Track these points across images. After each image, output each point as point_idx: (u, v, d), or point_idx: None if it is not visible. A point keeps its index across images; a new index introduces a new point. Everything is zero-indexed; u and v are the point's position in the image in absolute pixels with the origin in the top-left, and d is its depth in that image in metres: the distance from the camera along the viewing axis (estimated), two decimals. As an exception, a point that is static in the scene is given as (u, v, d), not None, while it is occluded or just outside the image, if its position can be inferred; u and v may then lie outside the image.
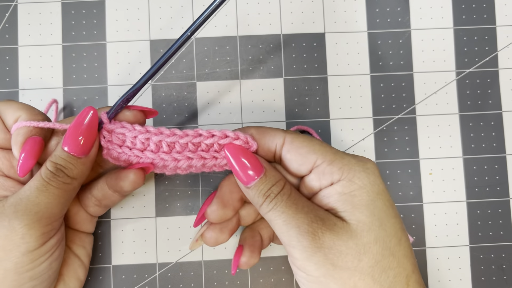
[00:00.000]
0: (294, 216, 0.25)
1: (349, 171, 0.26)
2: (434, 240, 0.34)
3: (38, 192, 0.25)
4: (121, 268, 0.33)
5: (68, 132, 0.26)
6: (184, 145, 0.27)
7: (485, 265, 0.34)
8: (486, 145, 0.35)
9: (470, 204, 0.34)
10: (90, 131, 0.26)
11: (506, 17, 0.35)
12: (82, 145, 0.26)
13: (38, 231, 0.25)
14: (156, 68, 0.27)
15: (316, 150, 0.26)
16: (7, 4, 0.35)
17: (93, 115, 0.26)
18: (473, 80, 0.35)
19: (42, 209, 0.25)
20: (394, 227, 0.26)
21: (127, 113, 0.28)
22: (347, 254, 0.24)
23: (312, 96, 0.35)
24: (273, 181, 0.26)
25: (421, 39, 0.35)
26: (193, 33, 0.26)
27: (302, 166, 0.27)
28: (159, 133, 0.27)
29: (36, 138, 0.26)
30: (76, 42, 0.35)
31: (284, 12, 0.35)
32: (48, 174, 0.26)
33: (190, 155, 0.27)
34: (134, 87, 0.27)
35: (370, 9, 0.35)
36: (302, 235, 0.25)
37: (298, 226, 0.25)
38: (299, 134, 0.27)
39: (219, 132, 0.27)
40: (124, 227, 0.34)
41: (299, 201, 0.26)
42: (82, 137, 0.26)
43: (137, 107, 0.28)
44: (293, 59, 0.35)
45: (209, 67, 0.35)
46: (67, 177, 0.26)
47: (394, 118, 0.35)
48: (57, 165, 0.26)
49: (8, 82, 0.34)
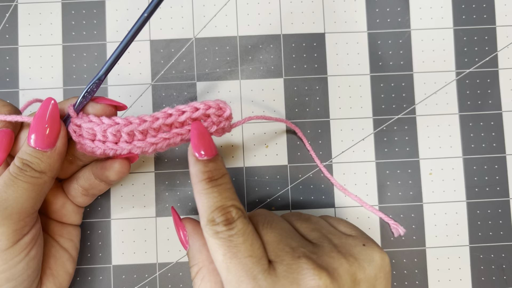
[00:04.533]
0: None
1: None
2: (434, 240, 0.34)
3: (6, 187, 0.25)
4: (121, 268, 0.33)
5: (32, 126, 0.25)
6: (157, 128, 0.27)
7: (485, 265, 0.34)
8: (486, 145, 0.35)
9: (470, 204, 0.34)
10: (52, 123, 0.26)
11: (506, 17, 0.35)
12: (46, 138, 0.25)
13: (9, 228, 0.24)
14: (116, 55, 0.26)
15: (216, 262, 0.24)
16: (7, 4, 0.35)
17: (53, 106, 0.26)
18: (473, 80, 0.35)
19: (11, 204, 0.24)
20: None
21: (96, 106, 0.27)
22: None
23: (312, 96, 0.35)
24: (193, 262, 0.26)
25: (421, 39, 0.35)
26: (150, 15, 0.25)
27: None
28: (128, 123, 0.26)
29: (5, 130, 0.26)
30: (76, 42, 0.35)
31: (284, 12, 0.35)
32: (15, 169, 0.25)
33: (166, 136, 0.27)
34: (96, 76, 0.26)
35: (370, 9, 0.35)
36: None
37: None
38: (212, 237, 0.24)
39: (188, 107, 0.27)
40: (124, 227, 0.34)
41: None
42: (45, 129, 0.25)
43: (105, 100, 0.27)
44: (293, 59, 0.35)
45: (209, 67, 0.35)
46: (35, 171, 0.25)
47: (394, 118, 0.35)
48: (23, 160, 0.25)
49: (8, 82, 0.34)
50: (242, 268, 0.23)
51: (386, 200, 0.34)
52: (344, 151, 0.35)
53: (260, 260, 0.23)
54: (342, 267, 0.23)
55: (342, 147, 0.35)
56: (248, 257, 0.23)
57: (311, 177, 0.34)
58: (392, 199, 0.34)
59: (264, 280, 0.22)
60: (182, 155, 0.34)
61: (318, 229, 0.26)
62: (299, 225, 0.27)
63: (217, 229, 0.24)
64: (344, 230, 0.27)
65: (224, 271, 0.23)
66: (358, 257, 0.24)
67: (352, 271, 0.23)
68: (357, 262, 0.24)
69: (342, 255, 0.24)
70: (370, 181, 0.34)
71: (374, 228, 0.34)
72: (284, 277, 0.23)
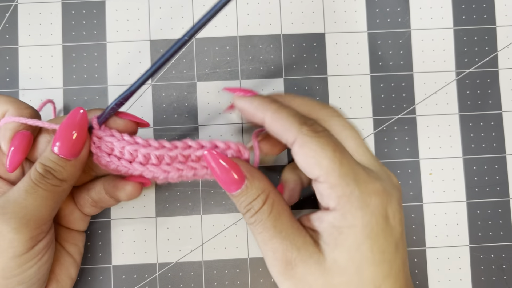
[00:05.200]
0: (271, 240, 0.24)
1: (346, 204, 0.23)
2: (434, 240, 0.34)
3: (26, 194, 0.25)
4: (121, 268, 0.33)
5: (58, 133, 0.25)
6: (173, 157, 0.27)
7: (485, 265, 0.34)
8: (486, 145, 0.35)
9: (470, 204, 0.34)
10: (80, 132, 0.26)
11: (506, 17, 0.35)
12: (72, 147, 0.25)
13: (26, 235, 0.24)
14: (153, 70, 0.26)
15: (322, 165, 0.24)
16: (7, 4, 0.35)
17: (83, 116, 0.26)
18: (473, 80, 0.35)
19: (30, 212, 0.24)
20: (374, 275, 0.24)
21: (118, 121, 0.27)
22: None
23: (312, 96, 0.35)
24: (255, 195, 0.25)
25: (421, 39, 0.35)
26: (191, 38, 0.25)
27: (308, 174, 0.25)
28: (147, 145, 0.27)
29: (25, 133, 0.26)
30: (76, 42, 0.35)
31: (284, 12, 0.35)
32: (37, 176, 0.25)
33: (180, 167, 0.27)
34: (128, 90, 0.26)
35: (370, 9, 0.35)
36: (276, 261, 0.24)
37: (273, 251, 0.24)
38: (314, 136, 0.24)
39: (209, 143, 0.27)
40: (124, 227, 0.34)
41: (278, 221, 0.25)
42: (72, 138, 0.25)
43: (129, 116, 0.28)
44: (293, 59, 0.35)
45: (209, 67, 0.35)
46: (57, 180, 0.25)
47: (394, 118, 0.35)
48: (46, 167, 0.25)
49: (8, 82, 0.34)
50: (353, 161, 0.25)
51: (386, 200, 0.34)
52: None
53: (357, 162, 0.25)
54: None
55: (342, 147, 0.35)
56: (348, 152, 0.25)
57: (311, 177, 0.34)
58: (392, 199, 0.34)
59: (371, 172, 0.25)
60: (182, 155, 0.34)
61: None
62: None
63: (317, 128, 0.25)
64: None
65: (337, 165, 0.24)
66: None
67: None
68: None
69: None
70: (370, 181, 0.34)
71: (374, 228, 0.34)
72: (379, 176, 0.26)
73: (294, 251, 0.24)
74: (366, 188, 0.24)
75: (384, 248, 0.24)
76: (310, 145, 0.24)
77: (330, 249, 0.24)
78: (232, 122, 0.34)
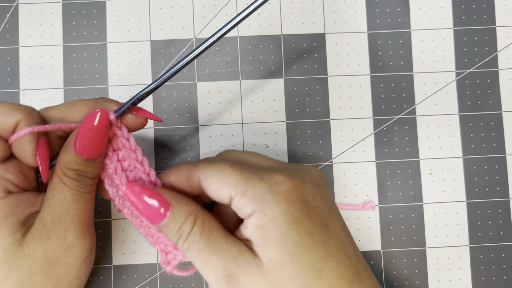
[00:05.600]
0: (207, 259, 0.24)
1: (260, 201, 0.24)
2: (434, 240, 0.34)
3: (76, 203, 0.25)
4: (122, 268, 0.33)
5: (81, 136, 0.25)
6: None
7: (485, 265, 0.34)
8: (486, 145, 0.35)
9: (470, 204, 0.34)
10: (103, 133, 0.25)
11: (506, 17, 0.36)
12: (97, 149, 0.25)
13: (90, 237, 0.26)
14: (174, 71, 0.26)
15: (228, 182, 0.24)
16: (8, 4, 0.35)
17: (104, 117, 0.25)
18: (473, 80, 0.35)
19: (84, 216, 0.26)
20: (311, 260, 0.23)
21: (130, 116, 0.27)
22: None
23: (312, 97, 0.35)
24: (183, 219, 0.24)
25: (421, 39, 0.35)
26: (226, 32, 0.26)
27: (223, 200, 0.25)
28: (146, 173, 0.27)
29: (43, 139, 0.25)
30: (77, 43, 0.35)
31: (284, 12, 0.35)
32: (74, 183, 0.25)
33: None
34: (150, 86, 0.26)
35: (370, 9, 0.35)
36: (219, 278, 0.24)
37: (213, 269, 0.24)
38: (212, 165, 0.25)
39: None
40: (124, 227, 0.34)
41: (211, 238, 0.24)
42: (96, 141, 0.25)
43: (145, 113, 0.27)
44: (293, 59, 0.35)
45: (209, 68, 0.35)
46: (90, 179, 0.26)
47: (394, 118, 0.35)
48: (78, 172, 0.25)
49: (9, 83, 0.34)
50: (253, 167, 0.26)
51: (386, 200, 0.34)
52: (344, 151, 0.35)
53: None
54: (303, 176, 0.26)
55: (343, 147, 0.35)
56: (247, 164, 0.27)
57: (312, 177, 0.34)
58: (392, 199, 0.34)
59: (274, 168, 0.26)
60: (182, 155, 0.34)
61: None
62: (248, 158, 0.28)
63: (210, 159, 0.27)
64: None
65: (240, 175, 0.24)
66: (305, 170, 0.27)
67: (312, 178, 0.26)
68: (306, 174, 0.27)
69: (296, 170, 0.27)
70: (370, 181, 0.34)
71: (374, 228, 0.34)
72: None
73: (232, 263, 0.23)
74: (273, 180, 0.24)
75: (312, 229, 0.24)
76: (211, 173, 0.25)
77: (262, 249, 0.23)
78: (233, 122, 0.34)
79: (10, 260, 0.24)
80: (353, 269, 0.25)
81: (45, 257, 0.25)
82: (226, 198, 0.24)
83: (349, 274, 0.24)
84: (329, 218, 0.25)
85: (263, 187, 0.24)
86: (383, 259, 0.34)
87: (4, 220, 0.24)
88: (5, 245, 0.24)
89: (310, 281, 0.23)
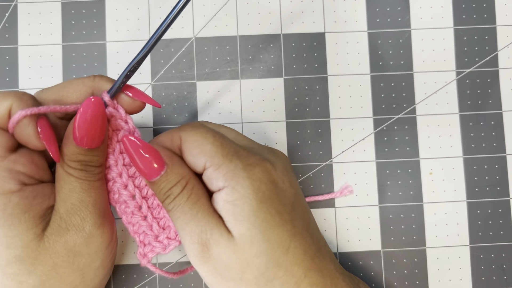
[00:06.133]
0: (188, 224, 0.24)
1: (233, 178, 0.24)
2: (434, 240, 0.34)
3: (86, 192, 0.25)
4: (121, 268, 0.33)
5: (79, 128, 0.24)
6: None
7: (485, 265, 0.34)
8: (486, 145, 0.35)
9: (470, 204, 0.34)
10: (101, 122, 0.25)
11: (506, 16, 0.35)
12: (97, 138, 0.25)
13: (109, 224, 0.27)
14: (158, 35, 0.25)
15: (206, 151, 0.25)
16: (7, 3, 0.35)
17: (98, 105, 0.24)
18: (473, 79, 0.35)
19: (98, 203, 0.26)
20: (280, 237, 0.24)
21: (125, 98, 0.26)
22: (232, 267, 0.24)
23: (312, 96, 0.35)
24: (175, 181, 0.25)
25: (421, 38, 0.35)
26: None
27: (196, 167, 0.25)
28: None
29: (43, 120, 0.24)
30: (76, 42, 0.35)
31: (284, 11, 0.35)
32: (80, 173, 0.25)
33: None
34: (136, 58, 0.25)
35: (370, 8, 0.35)
36: (193, 244, 0.24)
37: (190, 235, 0.24)
38: (195, 130, 0.26)
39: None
40: (124, 227, 0.34)
41: (196, 204, 0.25)
42: (96, 131, 0.25)
43: (142, 96, 0.27)
44: (293, 58, 0.35)
45: (209, 67, 0.35)
46: (97, 168, 0.26)
47: (394, 117, 0.35)
48: (82, 162, 0.25)
49: (8, 82, 0.34)
50: (233, 143, 0.26)
51: (386, 200, 0.34)
52: (344, 151, 0.35)
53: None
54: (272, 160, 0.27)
55: (342, 146, 0.35)
56: (228, 137, 0.27)
57: (311, 177, 0.34)
58: (392, 199, 0.34)
59: (252, 150, 0.27)
60: (182, 154, 0.34)
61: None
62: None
63: (194, 124, 0.27)
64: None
65: (219, 148, 0.25)
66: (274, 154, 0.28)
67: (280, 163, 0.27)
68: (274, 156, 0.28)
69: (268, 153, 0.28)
70: (370, 181, 0.34)
71: (374, 228, 0.34)
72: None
73: (208, 232, 0.24)
74: (248, 160, 0.25)
75: (281, 209, 0.25)
76: (192, 137, 0.25)
77: (233, 224, 0.24)
78: (233, 122, 0.34)
79: (32, 255, 0.24)
80: (315, 246, 0.26)
81: (67, 249, 0.25)
82: (200, 166, 0.25)
83: (312, 250, 0.26)
84: (295, 200, 0.27)
85: (238, 164, 0.25)
86: (383, 259, 0.34)
87: (22, 215, 0.24)
88: (26, 241, 0.24)
89: (278, 257, 0.24)
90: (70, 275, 0.25)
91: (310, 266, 0.25)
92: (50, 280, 0.25)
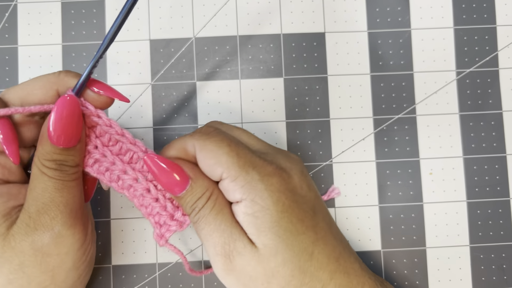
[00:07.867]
0: (211, 235, 0.25)
1: (251, 190, 0.24)
2: (434, 240, 0.34)
3: (59, 191, 0.25)
4: (121, 268, 0.33)
5: (54, 127, 0.24)
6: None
7: (486, 265, 0.34)
8: (487, 145, 0.35)
9: (471, 204, 0.34)
10: (76, 120, 0.25)
11: (507, 16, 0.35)
12: (74, 137, 0.25)
13: (81, 225, 0.26)
14: (114, 29, 0.25)
15: (222, 162, 0.25)
16: (6, 3, 0.35)
17: (75, 104, 0.24)
18: (473, 79, 0.35)
19: (71, 204, 0.25)
20: (303, 244, 0.25)
21: (91, 94, 0.26)
22: (257, 278, 0.24)
23: (312, 96, 0.35)
24: (200, 193, 0.25)
25: (421, 38, 0.35)
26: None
27: (212, 177, 0.26)
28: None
29: (3, 120, 0.25)
30: (75, 42, 0.35)
31: (284, 11, 0.35)
32: (55, 173, 0.25)
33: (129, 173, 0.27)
34: (97, 54, 0.25)
35: (370, 8, 0.35)
36: (217, 256, 0.25)
37: (214, 246, 0.25)
38: (209, 139, 0.26)
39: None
40: (124, 227, 0.34)
41: (218, 215, 0.25)
42: (72, 129, 0.24)
43: (109, 91, 0.26)
44: (293, 58, 0.35)
45: (209, 67, 0.35)
46: (72, 168, 0.25)
47: (394, 117, 0.35)
48: (57, 162, 0.25)
49: (8, 82, 0.34)
50: (248, 150, 0.26)
51: (386, 200, 0.34)
52: (344, 151, 0.35)
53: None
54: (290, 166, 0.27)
55: (342, 146, 0.34)
56: (242, 143, 0.27)
57: (311, 177, 0.34)
58: (393, 199, 0.34)
59: (267, 156, 0.27)
60: (182, 155, 0.34)
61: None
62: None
63: (207, 130, 0.27)
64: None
65: (235, 159, 0.25)
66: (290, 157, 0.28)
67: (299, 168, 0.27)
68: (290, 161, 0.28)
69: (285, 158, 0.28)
70: (370, 181, 0.34)
71: (374, 228, 0.34)
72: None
73: (231, 244, 0.24)
74: (265, 170, 0.25)
75: (302, 216, 0.25)
76: (207, 147, 0.25)
77: (256, 236, 0.24)
78: (232, 121, 0.34)
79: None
80: (338, 248, 0.26)
81: (34, 248, 0.24)
82: (216, 177, 0.25)
83: (335, 253, 0.26)
84: (316, 203, 0.27)
85: (254, 176, 0.25)
86: (383, 259, 0.34)
87: None
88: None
89: (302, 264, 0.24)
90: (39, 276, 0.25)
91: (335, 268, 0.25)
92: (17, 279, 0.24)
